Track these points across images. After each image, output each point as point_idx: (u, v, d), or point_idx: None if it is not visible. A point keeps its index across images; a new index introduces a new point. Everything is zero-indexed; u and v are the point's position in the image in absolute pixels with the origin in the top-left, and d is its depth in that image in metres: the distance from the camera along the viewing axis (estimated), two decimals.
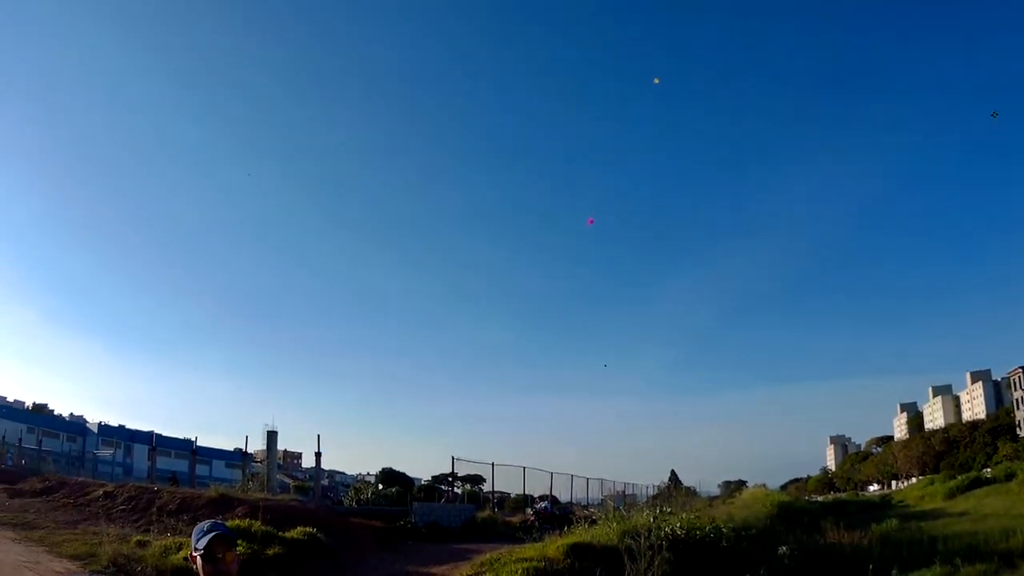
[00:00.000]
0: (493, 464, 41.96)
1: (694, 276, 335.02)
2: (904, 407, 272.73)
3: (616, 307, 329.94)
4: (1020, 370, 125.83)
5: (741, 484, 78.31)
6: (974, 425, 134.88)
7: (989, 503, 43.95)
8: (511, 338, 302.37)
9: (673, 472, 76.72)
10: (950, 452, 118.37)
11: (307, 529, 22.14)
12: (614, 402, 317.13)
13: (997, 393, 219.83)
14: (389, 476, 53.90)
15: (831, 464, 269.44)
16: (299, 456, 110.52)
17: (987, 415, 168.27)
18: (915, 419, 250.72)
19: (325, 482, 57.80)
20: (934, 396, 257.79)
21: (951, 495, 59.23)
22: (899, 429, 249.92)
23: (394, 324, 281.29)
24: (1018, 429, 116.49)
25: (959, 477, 70.86)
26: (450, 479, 52.02)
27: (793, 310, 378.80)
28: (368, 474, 59.87)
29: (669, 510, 24.03)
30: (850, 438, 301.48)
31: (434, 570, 20.32)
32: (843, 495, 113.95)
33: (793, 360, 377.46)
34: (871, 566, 17.53)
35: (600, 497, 50.61)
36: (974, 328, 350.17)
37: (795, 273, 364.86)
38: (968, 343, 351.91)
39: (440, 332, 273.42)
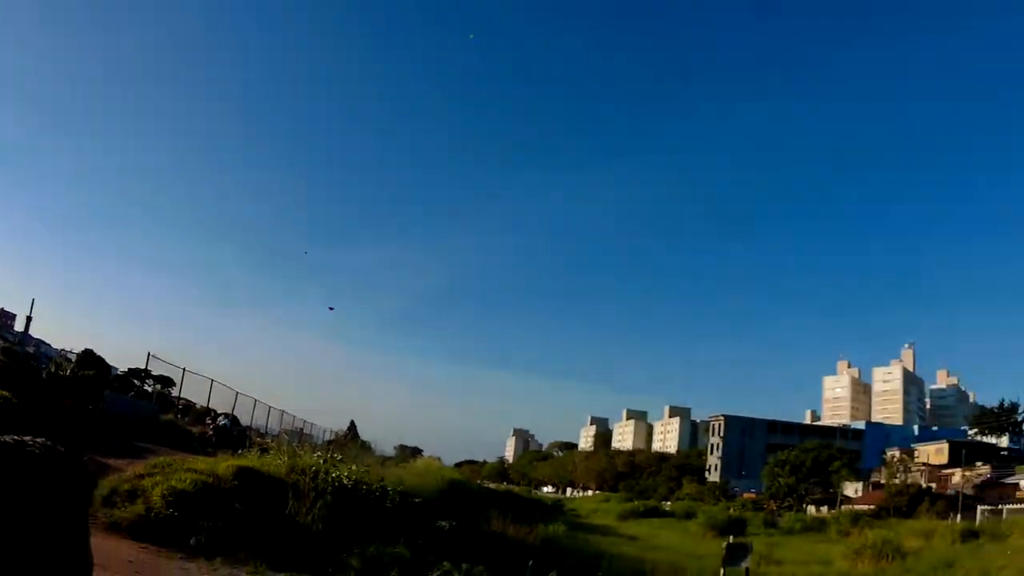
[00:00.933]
0: (184, 370, 40.74)
1: (433, 247, 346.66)
2: (595, 420, 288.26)
3: (356, 252, 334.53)
4: (722, 418, 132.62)
5: (417, 451, 78.05)
6: (663, 457, 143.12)
7: (664, 535, 45.65)
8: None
9: (353, 423, 75.70)
10: (632, 475, 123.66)
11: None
12: (323, 343, 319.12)
13: (693, 432, 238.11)
14: (89, 358, 48.97)
15: (510, 455, 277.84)
16: (12, 317, 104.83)
17: (678, 450, 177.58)
18: (604, 435, 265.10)
19: (31, 349, 56.33)
20: (628, 418, 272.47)
21: (624, 517, 61.56)
22: (585, 440, 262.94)
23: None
24: (707, 473, 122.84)
25: (636, 502, 73.21)
26: (143, 375, 50.51)
27: (521, 303, 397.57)
28: (71, 351, 54.60)
29: (340, 458, 23.16)
30: (534, 435, 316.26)
31: (110, 461, 19.50)
32: (516, 488, 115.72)
33: (502, 348, 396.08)
34: (531, 563, 17.32)
35: (278, 428, 53.25)
36: (682, 364, 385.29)
37: (537, 269, 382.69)
38: (669, 376, 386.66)
39: None
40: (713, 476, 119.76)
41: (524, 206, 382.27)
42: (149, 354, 39.71)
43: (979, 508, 67.25)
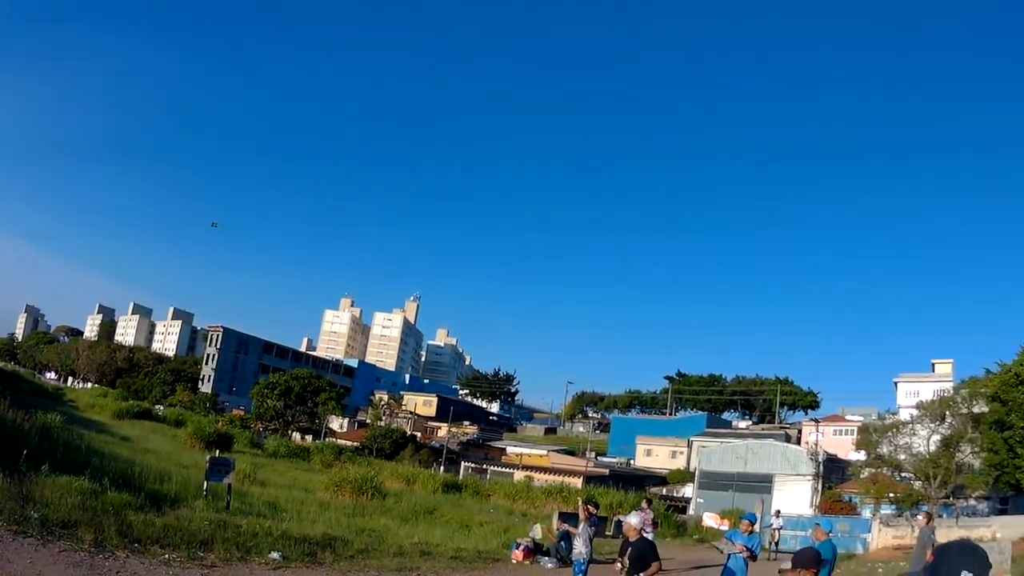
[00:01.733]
0: None
1: None
2: (103, 309, 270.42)
3: None
4: (220, 328, 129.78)
5: None
6: (161, 358, 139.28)
7: (155, 439, 44.54)
8: None
9: None
10: (131, 373, 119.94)
11: None
12: None
13: (193, 338, 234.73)
14: None
15: (19, 333, 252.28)
16: None
17: (176, 354, 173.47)
18: (109, 325, 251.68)
19: None
20: (134, 312, 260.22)
21: (120, 416, 59.88)
22: (91, 328, 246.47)
23: None
24: (200, 383, 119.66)
25: (132, 402, 71.96)
26: None
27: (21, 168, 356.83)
28: None
29: None
30: (44, 315, 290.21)
31: None
32: (22, 370, 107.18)
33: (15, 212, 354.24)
34: (24, 452, 16.39)
35: None
36: (197, 269, 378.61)
37: None
38: (182, 277, 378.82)
39: None
40: (206, 387, 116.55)
41: None
42: None
43: (463, 464, 73.31)
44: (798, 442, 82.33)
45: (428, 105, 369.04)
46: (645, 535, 11.23)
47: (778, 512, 39.43)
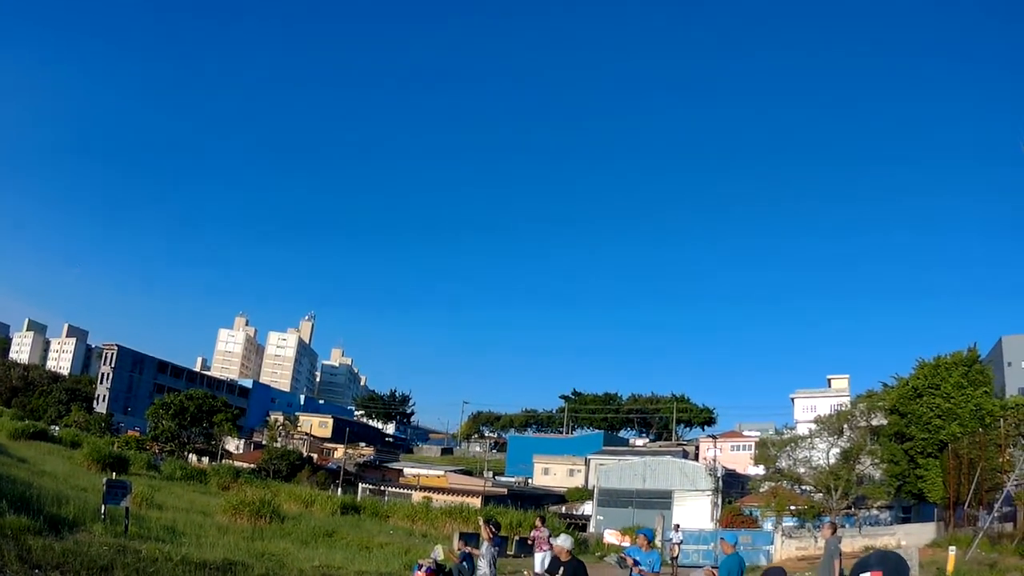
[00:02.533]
0: None
1: None
2: None
3: None
4: (115, 347, 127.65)
5: None
6: (56, 377, 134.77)
7: (51, 461, 43.17)
8: None
9: None
10: (26, 392, 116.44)
11: None
12: None
13: (88, 357, 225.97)
14: None
15: None
16: None
17: (70, 373, 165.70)
18: (3, 341, 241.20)
19: None
20: (28, 329, 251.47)
21: (16, 436, 55.64)
22: None
23: None
24: (96, 403, 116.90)
25: (28, 422, 67.52)
26: None
27: None
28: None
29: None
30: None
31: None
32: None
33: None
34: None
35: None
36: (88, 282, 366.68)
37: None
38: (67, 292, 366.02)
39: None
40: (101, 407, 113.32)
41: None
42: None
43: (361, 486, 72.22)
44: (696, 458, 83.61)
45: (305, 122, 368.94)
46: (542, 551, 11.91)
47: (677, 527, 39.86)
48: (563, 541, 11.37)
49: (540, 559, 19.54)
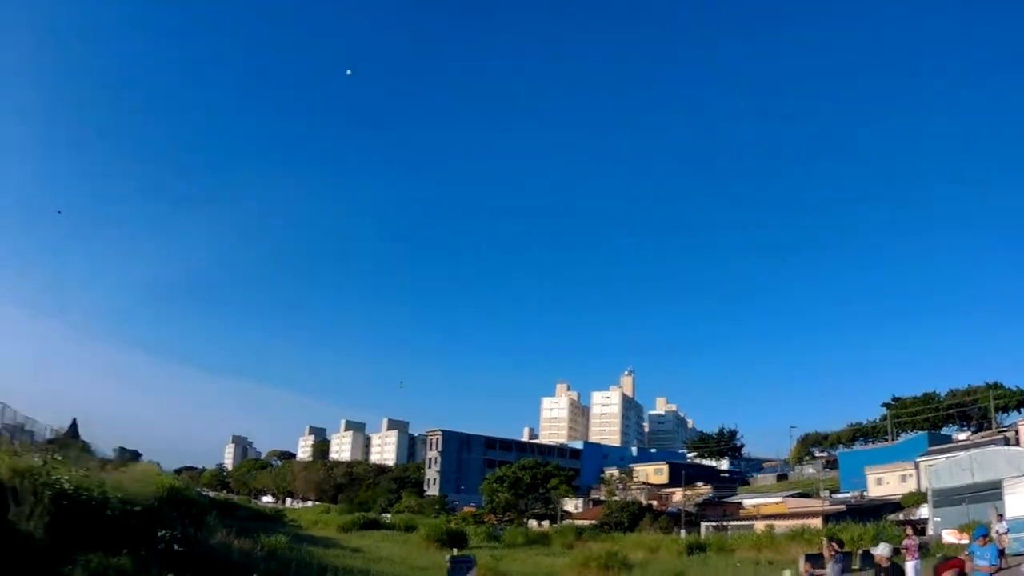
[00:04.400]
0: None
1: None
2: (314, 430, 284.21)
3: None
4: (439, 432, 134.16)
5: (136, 455, 73.33)
6: (381, 469, 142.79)
7: (386, 547, 45.40)
8: None
9: (75, 421, 69.13)
10: (351, 487, 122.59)
11: None
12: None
13: (411, 445, 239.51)
14: None
15: (228, 463, 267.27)
16: None
17: (396, 463, 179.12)
18: (322, 444, 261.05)
19: None
20: (346, 429, 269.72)
21: (347, 529, 60.77)
22: (303, 449, 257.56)
23: None
24: (426, 487, 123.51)
25: (357, 514, 72.66)
26: None
27: (222, 299, 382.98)
28: None
29: (60, 458, 20.83)
30: (252, 443, 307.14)
31: None
32: (236, 498, 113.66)
33: (213, 351, 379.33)
34: None
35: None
36: (399, 379, 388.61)
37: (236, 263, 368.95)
38: (383, 390, 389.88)
39: None
40: (432, 490, 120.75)
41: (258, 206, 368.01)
42: None
43: (703, 524, 71.57)
44: (1017, 443, 78.64)
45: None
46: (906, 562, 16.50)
47: (1001, 516, 36.38)
48: (882, 549, 11.99)
49: (912, 567, 20.09)
